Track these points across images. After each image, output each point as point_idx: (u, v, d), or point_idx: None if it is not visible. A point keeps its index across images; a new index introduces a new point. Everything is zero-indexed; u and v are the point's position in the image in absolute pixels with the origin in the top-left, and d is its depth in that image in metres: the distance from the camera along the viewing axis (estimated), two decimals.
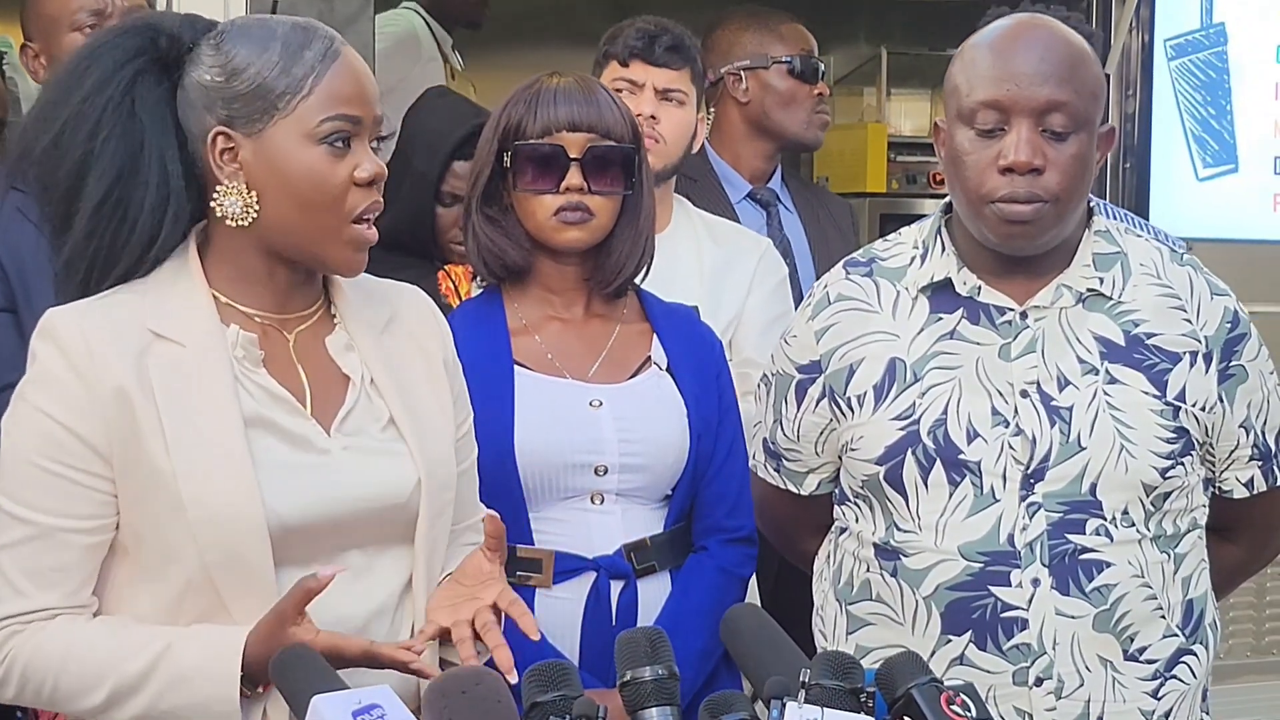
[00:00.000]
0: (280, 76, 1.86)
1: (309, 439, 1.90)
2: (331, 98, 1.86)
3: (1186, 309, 2.26)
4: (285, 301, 1.95)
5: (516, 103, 2.50)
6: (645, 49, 3.05)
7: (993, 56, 2.18)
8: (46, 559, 1.84)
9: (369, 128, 1.90)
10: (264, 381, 1.90)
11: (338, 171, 1.87)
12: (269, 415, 1.89)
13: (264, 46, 1.87)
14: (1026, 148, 2.13)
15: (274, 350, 1.93)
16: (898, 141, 6.06)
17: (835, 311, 2.34)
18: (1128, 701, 2.22)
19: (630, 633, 1.58)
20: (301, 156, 1.86)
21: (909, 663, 1.54)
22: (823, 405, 2.33)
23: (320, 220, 1.87)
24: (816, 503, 2.44)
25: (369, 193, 1.89)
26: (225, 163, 1.88)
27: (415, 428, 1.97)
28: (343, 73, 1.88)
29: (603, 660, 2.37)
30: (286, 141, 1.86)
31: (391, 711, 1.47)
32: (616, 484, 2.45)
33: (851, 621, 2.33)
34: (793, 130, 3.58)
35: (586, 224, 2.47)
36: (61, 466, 1.83)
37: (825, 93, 3.63)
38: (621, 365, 2.52)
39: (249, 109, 1.86)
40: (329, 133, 1.86)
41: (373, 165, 1.88)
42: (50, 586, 1.84)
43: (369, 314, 2.01)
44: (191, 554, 1.83)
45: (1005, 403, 2.22)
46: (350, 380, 1.96)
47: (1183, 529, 2.26)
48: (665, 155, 3.00)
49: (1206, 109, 4.71)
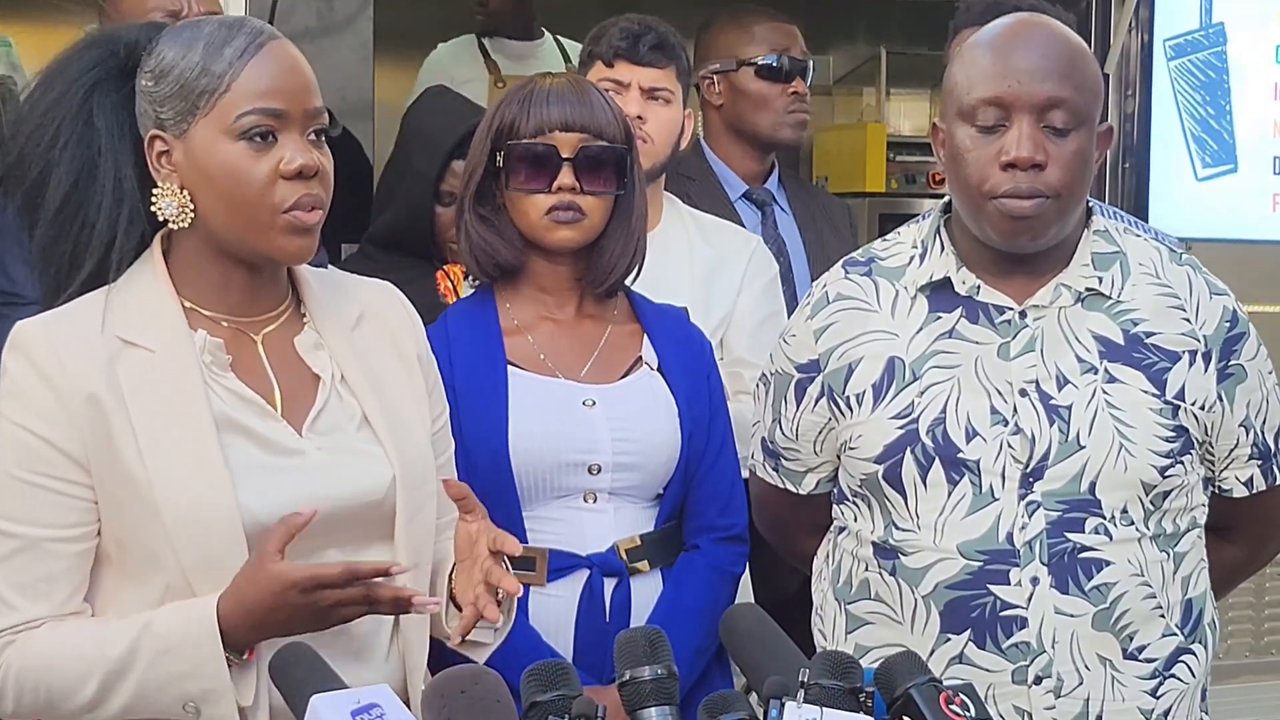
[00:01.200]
0: (200, 75, 1.86)
1: (280, 441, 1.90)
2: (249, 92, 1.85)
3: (1185, 308, 2.26)
4: (250, 303, 1.95)
5: (510, 102, 2.51)
6: (629, 49, 3.04)
7: (993, 54, 2.18)
8: (35, 570, 1.84)
9: (299, 120, 1.87)
10: (233, 385, 1.90)
11: (259, 166, 1.85)
12: (239, 419, 1.89)
13: (188, 47, 1.88)
14: (1029, 143, 2.13)
15: (242, 353, 1.93)
16: (897, 141, 6.07)
17: (834, 311, 2.34)
18: (1127, 700, 2.22)
19: (629, 632, 1.58)
20: (221, 153, 1.86)
21: (908, 662, 1.54)
22: (821, 404, 2.33)
23: (249, 215, 1.86)
24: (815, 502, 2.44)
25: (299, 185, 1.86)
26: (162, 165, 1.89)
27: (389, 424, 1.97)
28: (264, 66, 1.87)
29: (596, 657, 2.38)
30: (207, 139, 1.86)
31: (390, 711, 1.46)
32: (610, 483, 2.46)
33: (850, 621, 2.33)
34: (764, 132, 3.54)
35: (578, 224, 2.48)
36: (41, 477, 1.83)
37: (801, 91, 3.55)
38: (613, 365, 2.52)
39: (175, 110, 1.87)
40: (247, 127, 1.85)
41: (302, 157, 1.86)
42: (40, 598, 1.84)
43: (338, 311, 2.01)
44: (170, 558, 1.83)
45: (1004, 402, 2.22)
46: (320, 379, 1.96)
47: (1182, 528, 2.26)
48: (653, 154, 3.00)
49: (1206, 109, 4.71)
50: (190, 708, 1.80)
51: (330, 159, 1.92)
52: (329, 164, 1.91)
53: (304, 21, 4.61)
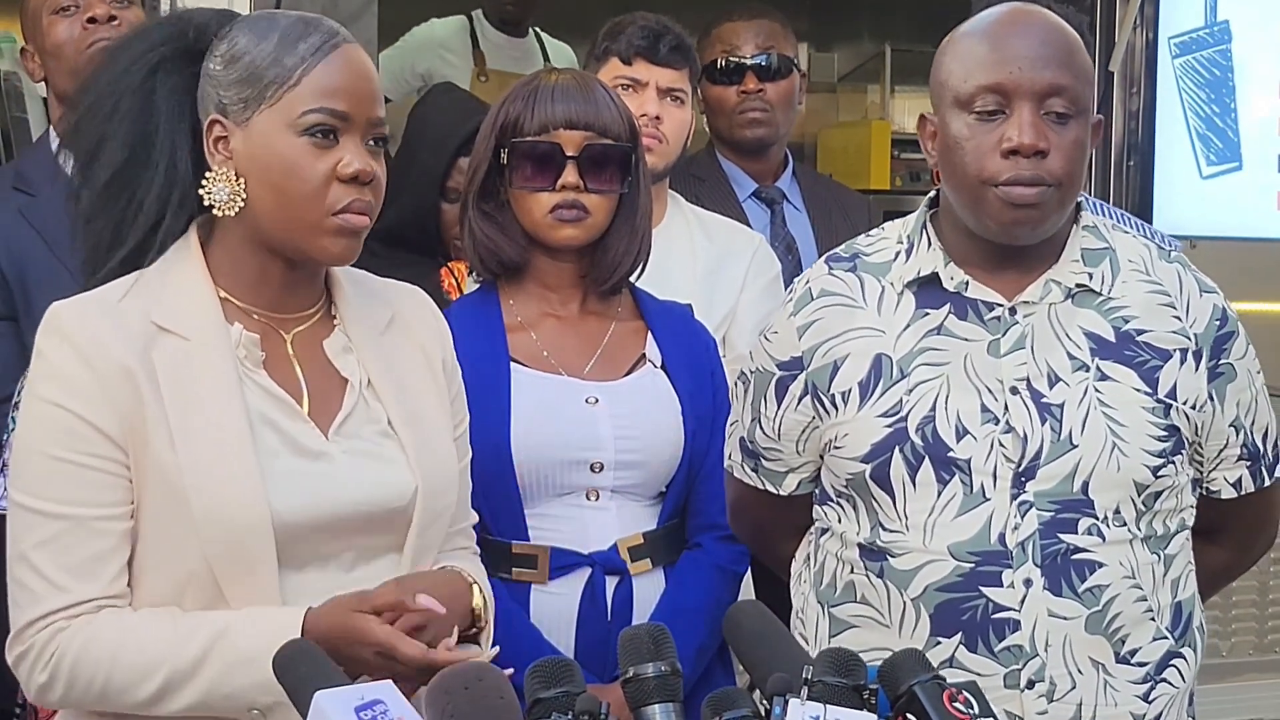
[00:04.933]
0: (271, 66, 1.87)
1: (308, 443, 1.91)
2: (319, 90, 1.86)
3: (1176, 306, 2.24)
4: (283, 300, 1.95)
5: (514, 99, 2.51)
6: (649, 48, 3.04)
7: (990, 42, 2.16)
8: (83, 550, 1.83)
9: (361, 126, 1.88)
10: (264, 382, 1.90)
11: (318, 164, 1.86)
12: (270, 415, 1.89)
13: (263, 36, 1.89)
14: (1031, 130, 2.11)
15: (272, 351, 1.93)
16: (901, 138, 6.07)
17: (818, 307, 2.29)
18: (1119, 705, 2.18)
19: (633, 629, 1.58)
20: (283, 146, 1.86)
21: (911, 660, 1.54)
22: (805, 403, 2.28)
23: (300, 211, 1.87)
24: (796, 503, 2.37)
25: (354, 189, 1.87)
26: (218, 150, 1.89)
27: (414, 432, 1.97)
28: (336, 67, 1.88)
29: (598, 656, 2.38)
30: (270, 130, 1.87)
31: (394, 707, 1.46)
32: (612, 480, 2.46)
33: (835, 624, 2.27)
34: (724, 134, 3.53)
35: (582, 222, 2.47)
36: (82, 456, 1.83)
37: (752, 89, 3.47)
38: (617, 362, 2.52)
39: (240, 97, 1.88)
40: (311, 124, 1.86)
41: (360, 162, 1.87)
42: (90, 577, 1.83)
43: (369, 315, 2.01)
44: (193, 546, 1.83)
45: (995, 400, 2.18)
46: (348, 383, 1.96)
47: (1172, 529, 2.24)
48: (666, 155, 3.00)
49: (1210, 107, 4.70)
50: (255, 713, 1.80)
51: (384, 169, 1.92)
52: (383, 174, 1.91)
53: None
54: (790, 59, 3.54)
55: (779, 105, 3.51)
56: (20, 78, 4.01)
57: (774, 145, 3.55)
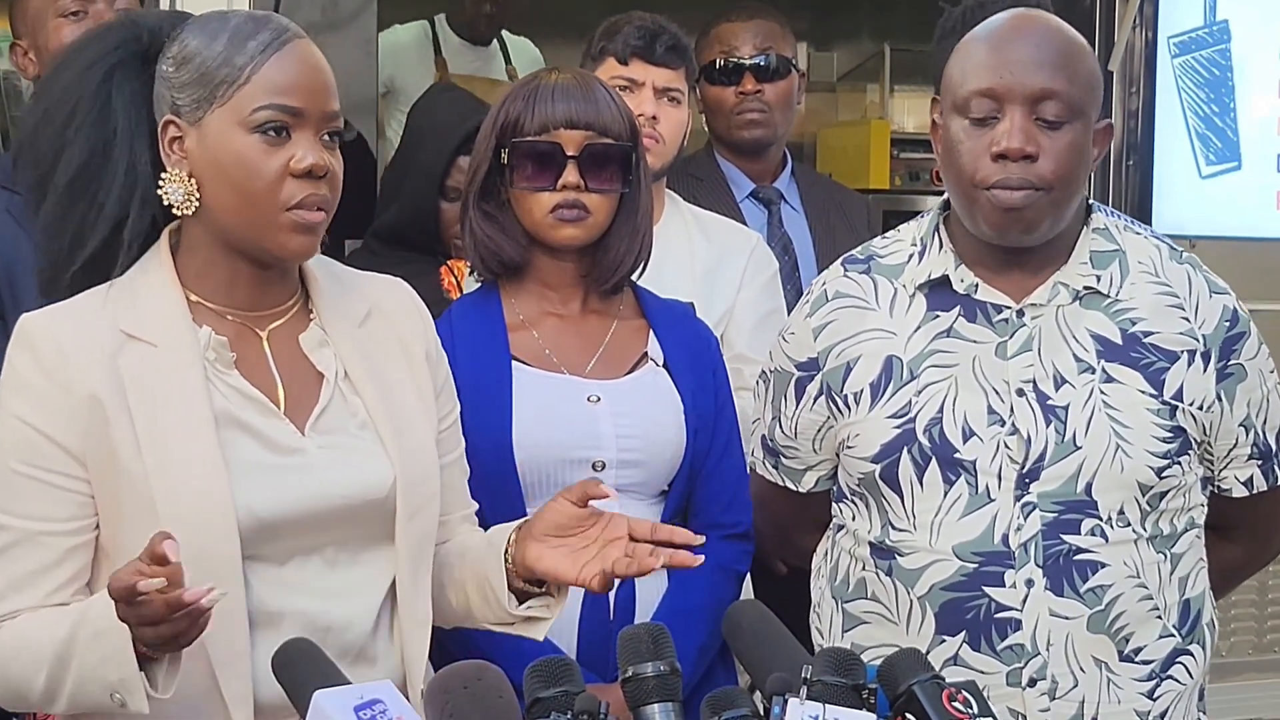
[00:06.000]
0: (221, 65, 1.87)
1: (282, 439, 1.90)
2: (269, 87, 1.86)
3: (1185, 307, 2.26)
4: (257, 298, 1.95)
5: (515, 99, 2.50)
6: (646, 48, 3.03)
7: (988, 47, 2.19)
8: (28, 563, 1.84)
9: (314, 121, 1.88)
10: (236, 382, 1.90)
11: (271, 160, 1.86)
12: (241, 416, 1.89)
13: (213, 36, 1.89)
14: (1019, 134, 2.13)
15: (246, 350, 1.93)
16: (901, 138, 6.08)
17: (833, 309, 2.33)
18: (1123, 703, 2.21)
19: (632, 628, 1.58)
20: (235, 144, 1.86)
21: (911, 659, 1.54)
22: (820, 402, 2.33)
23: (255, 208, 1.87)
24: (815, 500, 2.43)
25: (307, 184, 1.87)
26: (173, 151, 1.90)
27: (392, 423, 1.96)
28: (286, 63, 1.88)
29: (600, 655, 2.38)
30: (223, 129, 1.87)
31: (393, 706, 1.47)
32: (614, 479, 2.45)
33: (847, 619, 2.32)
34: (723, 135, 3.52)
35: (583, 222, 2.47)
36: (38, 470, 1.83)
37: (750, 89, 3.46)
38: (618, 361, 2.52)
39: (192, 97, 1.88)
40: (262, 121, 1.86)
41: (314, 157, 1.86)
42: (29, 588, 1.84)
43: (346, 307, 2.01)
44: None
45: (1001, 401, 2.21)
46: (324, 377, 1.96)
47: (1180, 528, 2.25)
48: (663, 155, 3.00)
49: (1210, 106, 4.70)
50: (117, 698, 1.74)
51: (340, 163, 1.92)
52: (339, 167, 1.91)
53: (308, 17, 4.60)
54: (788, 59, 3.54)
55: (777, 106, 3.51)
56: (18, 78, 4.01)
57: (772, 146, 3.55)
